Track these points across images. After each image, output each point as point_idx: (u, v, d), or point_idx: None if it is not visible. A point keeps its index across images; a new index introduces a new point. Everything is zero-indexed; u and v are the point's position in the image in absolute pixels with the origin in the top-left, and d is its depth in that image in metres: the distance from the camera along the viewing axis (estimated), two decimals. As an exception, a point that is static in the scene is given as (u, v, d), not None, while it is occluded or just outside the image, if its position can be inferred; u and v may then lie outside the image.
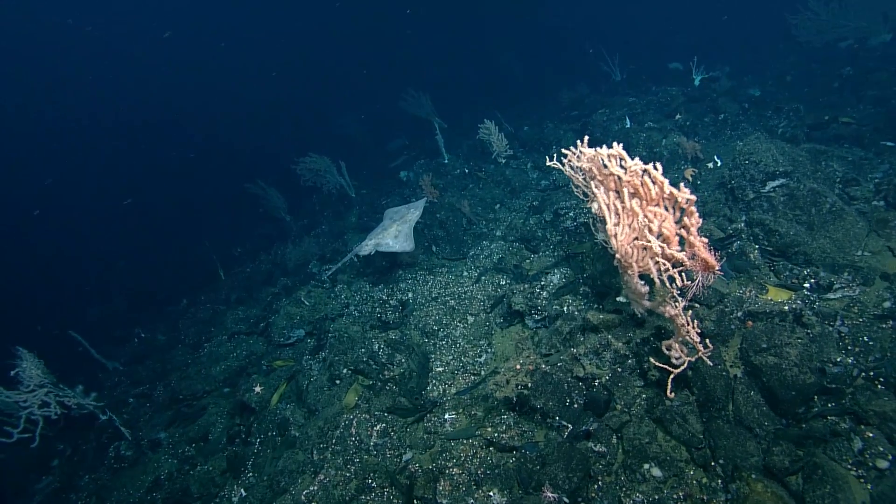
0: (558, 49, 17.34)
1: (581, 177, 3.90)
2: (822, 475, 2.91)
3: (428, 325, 5.41)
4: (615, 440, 3.58)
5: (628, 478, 3.35)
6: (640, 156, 6.88)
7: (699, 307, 4.06)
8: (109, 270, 14.61)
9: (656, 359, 3.61)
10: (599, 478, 3.39)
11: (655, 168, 3.15)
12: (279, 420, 4.99)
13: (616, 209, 3.44)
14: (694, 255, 2.98)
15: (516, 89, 15.10)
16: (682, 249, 3.17)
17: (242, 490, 4.41)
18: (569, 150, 3.75)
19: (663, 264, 2.94)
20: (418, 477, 3.81)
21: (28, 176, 21.14)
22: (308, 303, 6.47)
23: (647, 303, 3.56)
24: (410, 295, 6.05)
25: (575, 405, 3.83)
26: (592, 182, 3.71)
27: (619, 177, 3.35)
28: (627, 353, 3.91)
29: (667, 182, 3.11)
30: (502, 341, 5.04)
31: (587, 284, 4.96)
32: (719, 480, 3.15)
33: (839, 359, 3.43)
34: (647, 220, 3.11)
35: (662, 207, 3.20)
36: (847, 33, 10.08)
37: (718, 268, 2.90)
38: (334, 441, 4.35)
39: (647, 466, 3.35)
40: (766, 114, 7.55)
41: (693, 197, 3.00)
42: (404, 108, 12.74)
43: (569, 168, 3.93)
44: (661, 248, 2.87)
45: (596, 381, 3.91)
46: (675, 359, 3.17)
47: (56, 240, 17.63)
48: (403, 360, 4.91)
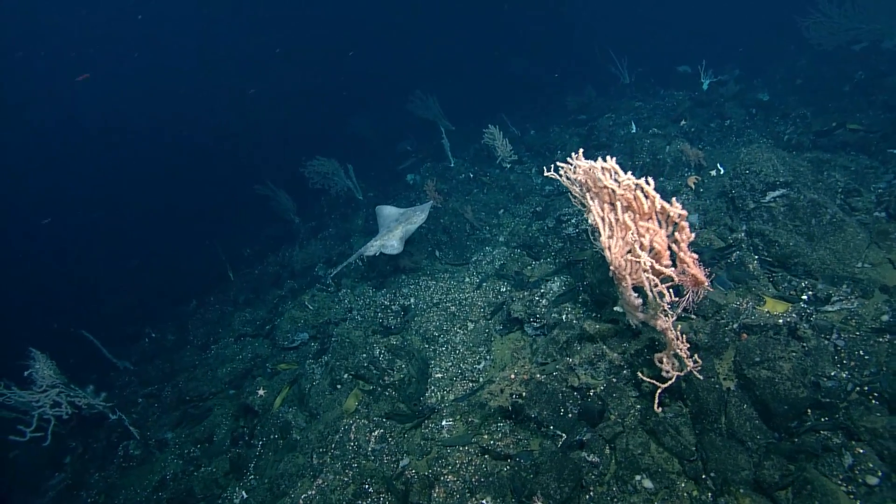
0: (567, 51, 17.27)
1: (577, 188, 3.93)
2: (812, 490, 2.92)
3: (429, 331, 5.48)
4: (608, 451, 3.61)
5: (620, 489, 3.39)
6: (644, 162, 6.93)
7: (695, 318, 4.07)
8: (123, 269, 14.91)
9: (649, 371, 3.64)
10: (591, 488, 3.43)
11: (648, 182, 3.19)
12: (281, 423, 5.09)
13: (610, 222, 3.47)
14: (684, 271, 3.01)
15: (523, 92, 15.09)
16: (674, 263, 3.20)
17: (244, 492, 4.52)
18: (565, 162, 3.79)
19: (652, 279, 2.97)
20: (414, 483, 3.87)
21: (44, 174, 21.60)
22: (312, 307, 6.58)
23: (641, 314, 3.59)
24: (413, 300, 6.12)
25: (569, 415, 3.87)
26: (588, 194, 3.75)
27: (613, 190, 3.38)
28: (622, 364, 3.93)
29: (658, 197, 3.13)
30: (501, 348, 5.08)
31: (587, 292, 4.98)
32: (709, 494, 3.17)
33: (833, 373, 3.43)
34: (639, 235, 3.14)
35: (655, 221, 3.23)
36: (861, 35, 9.92)
37: (708, 284, 2.93)
38: (334, 445, 4.44)
39: (639, 478, 3.38)
40: (773, 119, 7.48)
41: (684, 213, 3.03)
42: (412, 111, 12.85)
43: (566, 179, 3.97)
44: (650, 264, 2.89)
45: (591, 391, 3.94)
46: (666, 372, 3.20)
47: (72, 238, 17.99)
48: (404, 366, 4.98)
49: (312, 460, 4.42)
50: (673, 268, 3.20)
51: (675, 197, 5.96)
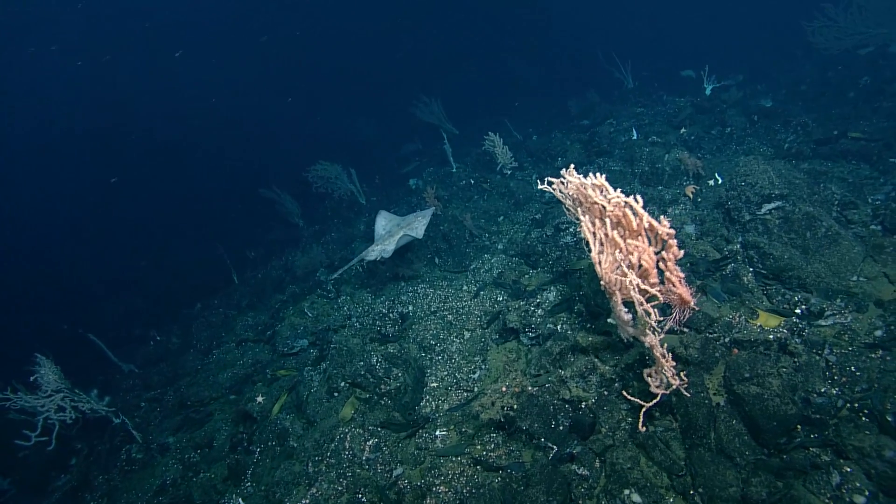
0: (571, 55, 17.24)
1: (570, 201, 3.96)
2: (799, 508, 2.93)
3: (426, 340, 5.52)
4: (598, 464, 3.63)
5: (608, 503, 3.41)
6: (643, 171, 6.93)
7: (688, 332, 4.08)
8: (132, 270, 15.08)
9: (640, 385, 3.66)
10: (580, 502, 3.45)
11: (636, 200, 3.21)
12: (279, 430, 5.16)
13: (601, 237, 3.50)
14: (670, 290, 3.03)
15: (528, 96, 15.10)
16: (662, 281, 3.23)
17: (241, 500, 4.58)
18: (565, 169, 3.81)
19: (639, 298, 2.99)
20: (406, 493, 3.92)
21: (54, 175, 21.91)
22: (311, 314, 6.65)
23: (631, 329, 3.61)
24: (411, 308, 6.17)
25: (560, 427, 3.90)
26: (579, 209, 3.78)
27: (603, 206, 3.41)
28: (614, 377, 3.96)
29: (647, 215, 3.16)
30: (497, 357, 5.11)
31: (582, 302, 5.00)
32: (697, 509, 3.19)
33: (824, 389, 3.42)
34: (627, 252, 3.16)
35: (644, 238, 3.25)
36: (867, 40, 9.84)
37: (694, 303, 2.94)
38: (329, 454, 4.50)
39: (628, 492, 3.40)
40: (775, 127, 7.45)
41: (672, 231, 3.05)
42: (416, 114, 12.93)
43: (559, 192, 4.00)
44: (636, 283, 2.92)
45: (582, 404, 3.96)
46: (654, 387, 3.22)
47: (82, 239, 18.24)
48: (400, 375, 5.04)
49: (308, 468, 4.48)
50: (662, 284, 3.23)
51: (673, 206, 5.98)
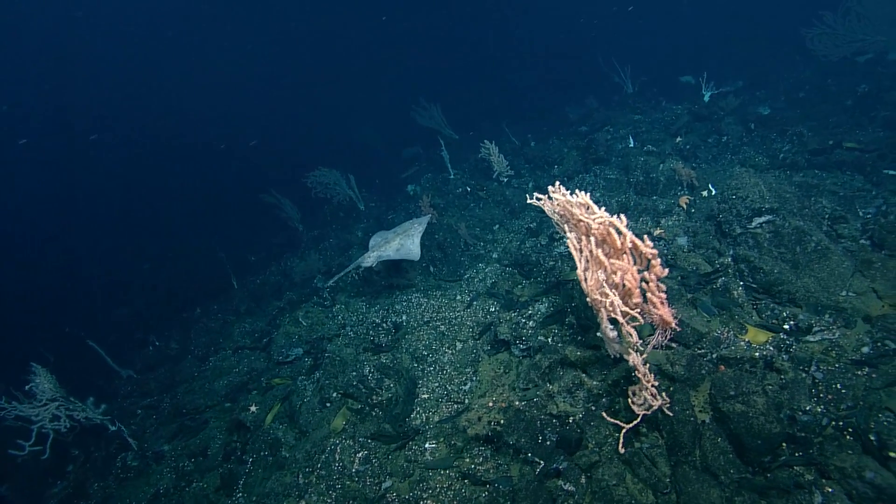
0: (571, 60, 17.25)
1: (557, 217, 3.98)
2: (780, 528, 2.94)
3: (418, 351, 5.54)
4: (584, 480, 3.64)
5: (593, 519, 3.43)
6: (638, 180, 6.93)
7: (676, 347, 4.09)
8: (135, 272, 15.16)
9: (624, 402, 3.67)
10: (565, 518, 3.47)
11: (620, 219, 3.23)
12: (271, 440, 5.19)
13: (586, 255, 3.51)
14: (651, 311, 3.04)
15: (527, 101, 15.12)
16: (645, 300, 3.24)
17: (231, 510, 4.62)
18: (552, 186, 3.83)
19: (620, 319, 3.01)
20: (394, 507, 3.95)
21: (58, 178, 22.06)
22: (305, 323, 6.68)
23: (617, 346, 3.62)
24: (405, 317, 6.19)
25: (548, 442, 3.91)
26: (566, 225, 3.80)
27: (589, 224, 3.43)
28: (601, 393, 3.97)
29: (631, 234, 3.18)
30: (488, 369, 5.13)
31: (574, 314, 5.01)
32: (680, 528, 3.20)
33: (809, 407, 3.43)
34: (610, 272, 3.18)
35: (629, 257, 3.27)
36: (866, 47, 9.83)
37: (676, 324, 2.95)
38: (320, 465, 4.53)
39: (612, 509, 3.42)
40: (771, 136, 7.44)
41: (655, 251, 3.07)
42: (416, 119, 12.97)
43: (546, 207, 4.02)
44: (617, 305, 2.93)
45: (570, 419, 3.98)
46: (637, 407, 3.23)
47: (86, 242, 18.35)
48: (392, 385, 5.07)
49: (299, 479, 4.51)
50: (645, 303, 3.24)
51: (666, 217, 5.98)
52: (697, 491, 3.28)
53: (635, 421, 3.16)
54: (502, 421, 3.96)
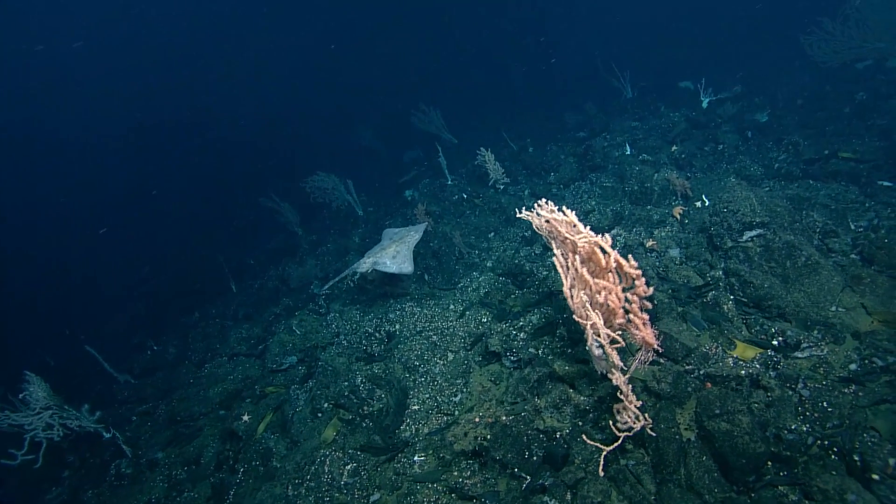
0: (570, 65, 17.21)
1: (545, 233, 3.98)
2: (762, 550, 2.94)
3: (410, 361, 5.55)
4: (569, 496, 3.64)
5: (578, 537, 3.43)
6: (633, 189, 6.91)
7: (664, 362, 4.09)
8: (135, 276, 15.22)
9: (610, 418, 3.67)
10: (550, 535, 3.48)
11: (604, 238, 3.23)
12: (263, 450, 5.21)
13: (573, 272, 3.52)
14: (635, 332, 3.04)
15: (526, 105, 15.11)
16: (629, 319, 3.24)
17: (221, 522, 4.64)
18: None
19: (601, 342, 3.01)
20: (381, 520, 3.96)
21: (60, 180, 22.17)
22: (299, 331, 6.70)
23: (604, 363, 3.63)
24: (398, 326, 6.21)
25: (534, 457, 3.91)
26: (553, 241, 3.80)
27: (575, 241, 3.43)
28: (588, 408, 3.97)
29: (615, 253, 3.18)
30: (479, 380, 5.13)
31: (566, 326, 5.01)
32: (663, 547, 3.20)
33: (794, 426, 3.42)
34: (594, 292, 3.18)
35: (614, 275, 3.27)
36: (865, 53, 9.77)
37: (658, 344, 2.96)
38: (309, 477, 4.54)
39: (597, 526, 3.42)
40: (767, 144, 7.42)
41: (639, 272, 3.07)
42: (415, 124, 12.99)
43: (536, 222, 4.02)
44: (599, 328, 2.94)
45: (557, 434, 3.98)
46: (618, 428, 3.23)
47: (87, 245, 18.42)
48: (383, 396, 5.08)
49: (288, 491, 4.53)
50: (628, 323, 3.24)
51: (660, 227, 5.97)
52: (681, 510, 3.28)
53: (616, 443, 3.17)
54: (489, 436, 3.96)
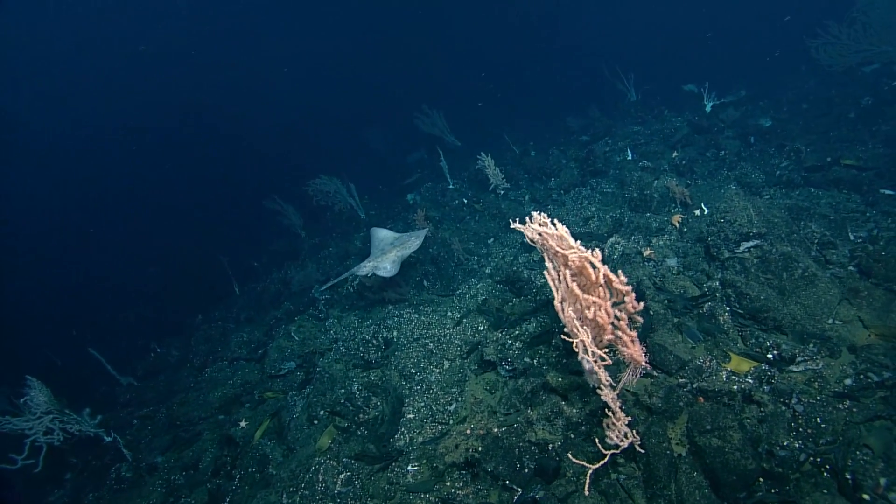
0: (575, 68, 17.15)
1: (538, 245, 3.97)
2: (751, 569, 2.92)
3: (406, 368, 5.56)
4: (560, 510, 3.64)
5: (567, 551, 3.42)
6: (632, 196, 6.88)
7: (658, 374, 4.07)
8: (142, 277, 15.34)
9: (601, 432, 3.66)
10: (539, 549, 3.47)
11: (594, 253, 3.22)
12: (259, 456, 5.25)
13: (563, 287, 3.51)
14: (623, 349, 3.03)
15: (530, 108, 15.08)
16: (618, 336, 3.23)
17: (216, 529, 4.68)
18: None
19: (589, 359, 3.00)
20: (373, 531, 3.97)
21: (64, 182, 22.40)
22: (298, 337, 6.74)
23: (595, 376, 3.61)
24: (395, 333, 6.22)
25: (526, 469, 3.91)
26: (546, 254, 3.79)
27: (566, 255, 3.42)
28: (580, 421, 3.96)
29: (605, 268, 3.17)
30: (475, 388, 5.14)
31: (562, 334, 4.99)
32: (651, 564, 3.19)
33: (787, 442, 3.40)
34: (584, 307, 3.17)
35: (605, 290, 3.26)
36: (872, 57, 9.65)
37: (645, 361, 2.94)
38: (303, 485, 4.57)
39: (586, 541, 3.41)
40: (770, 151, 7.35)
41: (628, 287, 3.06)
42: (418, 126, 13.00)
43: (528, 235, 4.01)
44: (587, 344, 2.93)
45: (549, 446, 3.97)
46: (609, 440, 3.22)
47: (93, 247, 18.61)
48: (379, 403, 5.10)
49: (283, 499, 4.55)
50: (617, 339, 3.23)
51: (658, 236, 5.94)
52: (671, 526, 3.27)
53: (602, 461, 3.16)
54: (480, 448, 3.96)
